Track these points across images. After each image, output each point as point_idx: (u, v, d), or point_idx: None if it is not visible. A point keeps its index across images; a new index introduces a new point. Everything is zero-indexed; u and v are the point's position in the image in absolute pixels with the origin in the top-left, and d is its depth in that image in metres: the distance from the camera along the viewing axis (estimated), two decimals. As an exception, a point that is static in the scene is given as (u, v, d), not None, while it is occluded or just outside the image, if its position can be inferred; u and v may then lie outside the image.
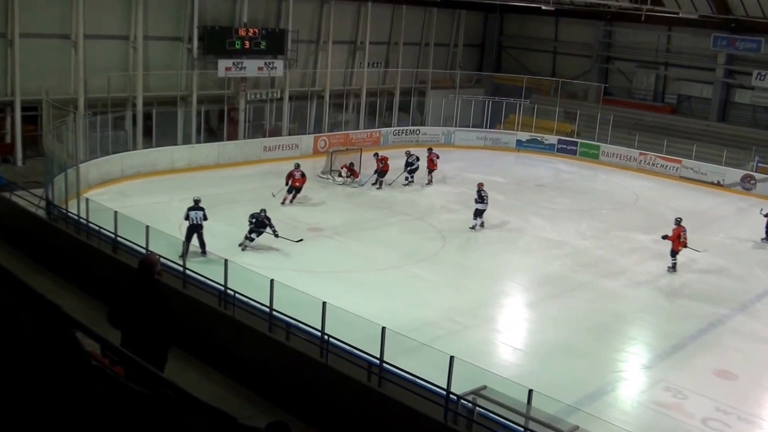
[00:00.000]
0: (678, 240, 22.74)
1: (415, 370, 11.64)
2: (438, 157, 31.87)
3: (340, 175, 30.51)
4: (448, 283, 20.65)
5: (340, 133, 37.37)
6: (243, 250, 21.19)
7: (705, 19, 37.40)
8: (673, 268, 22.62)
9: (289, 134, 36.02)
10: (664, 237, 22.96)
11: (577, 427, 10.22)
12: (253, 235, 21.49)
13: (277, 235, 21.39)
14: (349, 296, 17.80)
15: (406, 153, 31.91)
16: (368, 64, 39.81)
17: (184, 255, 17.74)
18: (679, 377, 16.00)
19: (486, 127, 41.74)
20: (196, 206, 20.90)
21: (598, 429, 10.74)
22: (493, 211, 27.22)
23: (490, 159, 37.99)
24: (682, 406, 14.79)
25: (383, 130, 39.30)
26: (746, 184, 34.89)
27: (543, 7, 38.61)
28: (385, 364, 11.73)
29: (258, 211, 21.61)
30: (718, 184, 35.38)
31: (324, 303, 12.56)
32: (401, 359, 12.19)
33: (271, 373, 12.41)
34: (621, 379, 16.04)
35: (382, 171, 29.85)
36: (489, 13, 47.57)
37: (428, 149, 32.63)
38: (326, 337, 12.28)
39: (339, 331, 12.47)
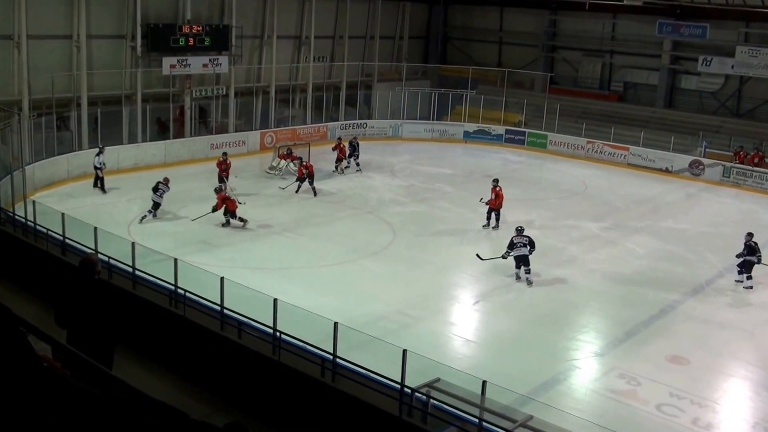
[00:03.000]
0: (496, 200, 24.01)
1: (368, 365, 11.54)
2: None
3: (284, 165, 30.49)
4: (399, 277, 20.61)
5: (287, 128, 37.10)
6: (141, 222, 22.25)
7: (650, 6, 37.87)
8: (488, 226, 23.80)
9: (236, 131, 35.67)
10: (483, 200, 24.53)
11: (531, 417, 10.20)
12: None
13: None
14: (300, 292, 17.68)
15: (351, 143, 32.49)
16: (314, 58, 39.55)
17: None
18: (632, 364, 16.15)
19: (433, 119, 41.80)
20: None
21: (552, 418, 10.74)
22: (442, 203, 27.30)
23: (438, 151, 38.07)
24: (635, 392, 14.92)
25: (330, 124, 39.14)
26: (695, 170, 35.44)
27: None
28: (338, 360, 11.61)
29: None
30: (667, 171, 35.90)
31: (275, 300, 12.40)
32: (354, 354, 12.08)
33: (223, 372, 12.27)
34: (574, 367, 16.11)
35: (305, 177, 29.17)
36: (433, 4, 47.67)
37: (338, 138, 33.47)
38: (278, 334, 12.13)
39: (291, 327, 12.32)
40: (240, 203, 23.87)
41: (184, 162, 31.56)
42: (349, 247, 22.50)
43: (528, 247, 20.47)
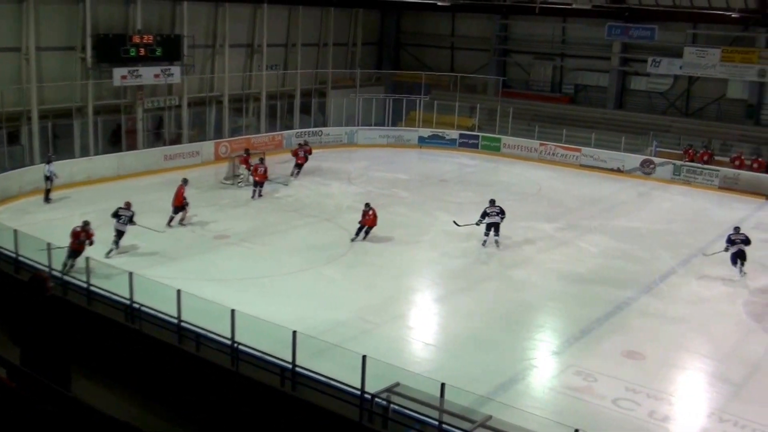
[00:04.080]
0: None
1: (328, 372, 11.61)
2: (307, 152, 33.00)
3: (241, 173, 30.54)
4: (357, 283, 20.70)
5: (242, 137, 36.93)
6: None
7: (599, 9, 38.43)
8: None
9: (190, 141, 35.42)
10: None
11: (490, 417, 10.35)
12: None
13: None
14: (259, 302, 17.68)
15: (299, 145, 33.18)
16: (267, 66, 39.43)
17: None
18: (589, 361, 16.43)
19: (388, 125, 41.96)
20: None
21: (511, 417, 10.89)
22: (399, 208, 27.42)
23: (394, 156, 38.21)
24: (592, 388, 15.18)
25: (285, 132, 39.04)
26: (646, 169, 36.07)
27: (439, 3, 39.07)
28: (297, 368, 11.65)
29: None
30: (618, 170, 36.47)
31: (233, 311, 12.40)
32: (314, 362, 12.14)
33: (182, 386, 12.21)
34: (532, 366, 16.34)
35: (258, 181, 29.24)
36: (386, 11, 47.84)
37: (299, 144, 33.90)
38: (236, 345, 12.13)
39: (250, 338, 12.33)
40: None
41: (138, 174, 31.24)
42: (306, 255, 22.49)
43: (500, 216, 23.53)
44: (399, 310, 19.15)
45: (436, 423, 10.47)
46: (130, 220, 21.47)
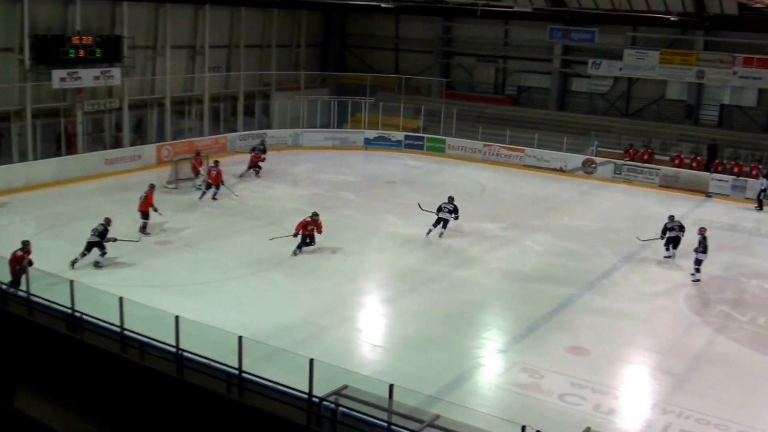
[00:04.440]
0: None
1: (276, 377, 11.54)
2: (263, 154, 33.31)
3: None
4: (304, 286, 20.58)
5: (184, 140, 36.49)
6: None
7: (540, 12, 38.88)
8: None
9: (131, 145, 34.89)
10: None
11: (438, 416, 10.39)
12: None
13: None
14: (204, 308, 17.49)
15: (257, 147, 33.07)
16: (209, 68, 39.06)
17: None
18: (535, 358, 16.62)
19: (333, 127, 41.86)
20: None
21: (459, 416, 10.94)
22: (346, 211, 27.36)
23: (340, 158, 38.15)
24: (539, 385, 15.38)
25: (229, 135, 38.66)
26: (587, 168, 36.61)
27: (383, 5, 39.12)
28: (244, 374, 11.55)
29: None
30: (561, 170, 36.96)
31: (177, 317, 12.24)
32: (261, 367, 12.06)
33: (126, 395, 12.02)
34: (479, 365, 16.46)
35: (211, 183, 28.98)
36: (330, 12, 47.73)
37: (257, 146, 33.83)
38: (181, 352, 11.98)
39: (195, 344, 12.19)
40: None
41: (78, 179, 30.64)
42: (252, 258, 22.32)
43: (452, 214, 24.69)
44: (346, 312, 19.12)
45: (385, 424, 10.48)
46: (99, 234, 20.86)
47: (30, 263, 17.83)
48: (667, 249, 23.81)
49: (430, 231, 24.70)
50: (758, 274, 23.32)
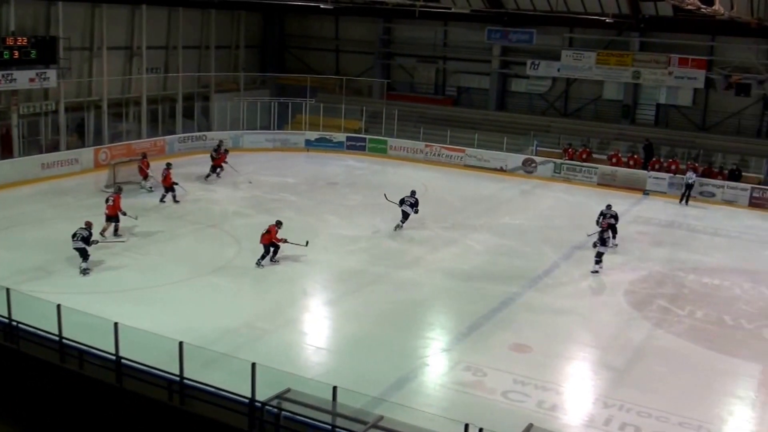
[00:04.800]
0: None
1: (219, 382, 11.43)
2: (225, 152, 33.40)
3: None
4: (247, 289, 20.42)
5: (122, 143, 35.87)
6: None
7: (478, 14, 39.15)
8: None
9: (68, 148, 34.17)
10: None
11: (382, 417, 10.41)
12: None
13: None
14: (145, 314, 17.19)
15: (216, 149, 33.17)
16: (147, 69, 38.49)
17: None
18: (478, 356, 16.75)
19: (274, 129, 41.62)
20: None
21: (404, 416, 10.98)
22: (288, 213, 27.20)
23: (281, 160, 37.95)
24: (482, 383, 15.49)
25: (168, 137, 38.10)
26: (527, 168, 37.04)
27: (322, 6, 38.94)
28: (186, 380, 11.40)
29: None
30: (502, 170, 37.30)
31: (116, 324, 12.03)
32: (204, 372, 11.93)
33: (66, 406, 11.76)
34: (423, 365, 16.49)
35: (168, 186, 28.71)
36: (269, 13, 47.42)
37: (221, 149, 33.69)
38: (121, 360, 11.77)
39: (135, 352, 11.99)
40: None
41: (14, 184, 29.83)
42: (193, 262, 22.06)
43: (413, 208, 25.76)
44: (289, 315, 19.00)
45: (329, 427, 10.45)
46: (84, 239, 20.42)
47: None
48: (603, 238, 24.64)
49: (396, 226, 25.77)
50: (696, 269, 23.89)
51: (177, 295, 19.70)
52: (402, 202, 25.89)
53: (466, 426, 9.64)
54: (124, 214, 23.85)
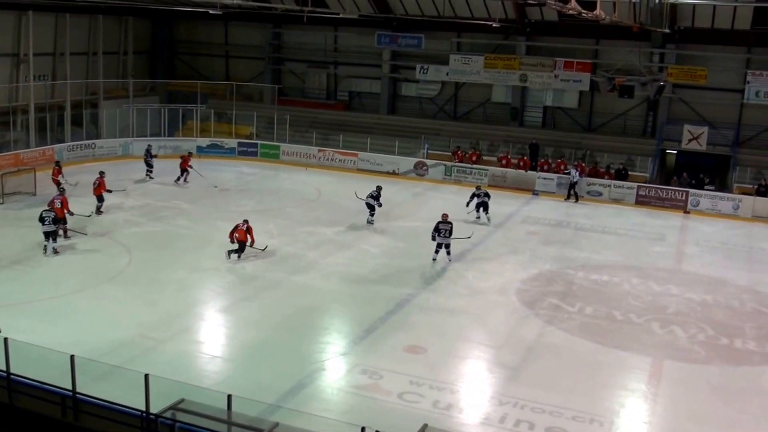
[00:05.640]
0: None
1: (112, 396, 11.30)
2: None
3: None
4: (139, 299, 20.08)
5: (10, 153, 34.67)
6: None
7: (367, 19, 39.53)
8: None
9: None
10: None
11: (277, 424, 10.50)
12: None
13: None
14: (34, 328, 16.76)
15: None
16: (34, 77, 37.41)
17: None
18: (374, 359, 16.99)
19: (165, 135, 41.00)
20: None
21: (300, 422, 11.11)
22: (180, 220, 26.92)
23: (172, 167, 37.34)
24: (378, 385, 15.72)
25: (56, 146, 37.03)
26: (419, 171, 37.69)
27: (211, 12, 38.58)
28: (78, 395, 11.24)
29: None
30: (394, 173, 37.82)
31: (5, 339, 11.76)
32: (97, 386, 11.78)
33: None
34: (320, 369, 16.61)
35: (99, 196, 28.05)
36: (157, 19, 46.70)
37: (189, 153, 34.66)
38: (11, 376, 11.51)
39: (26, 367, 11.74)
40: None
41: None
42: (83, 273, 21.61)
43: (376, 201, 28.28)
44: (183, 324, 18.80)
45: (225, 436, 10.51)
46: (54, 220, 22.50)
47: None
48: (478, 212, 29.27)
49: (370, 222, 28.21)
50: (584, 266, 24.79)
51: (68, 307, 19.26)
52: (369, 196, 28.29)
53: (363, 429, 9.83)
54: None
